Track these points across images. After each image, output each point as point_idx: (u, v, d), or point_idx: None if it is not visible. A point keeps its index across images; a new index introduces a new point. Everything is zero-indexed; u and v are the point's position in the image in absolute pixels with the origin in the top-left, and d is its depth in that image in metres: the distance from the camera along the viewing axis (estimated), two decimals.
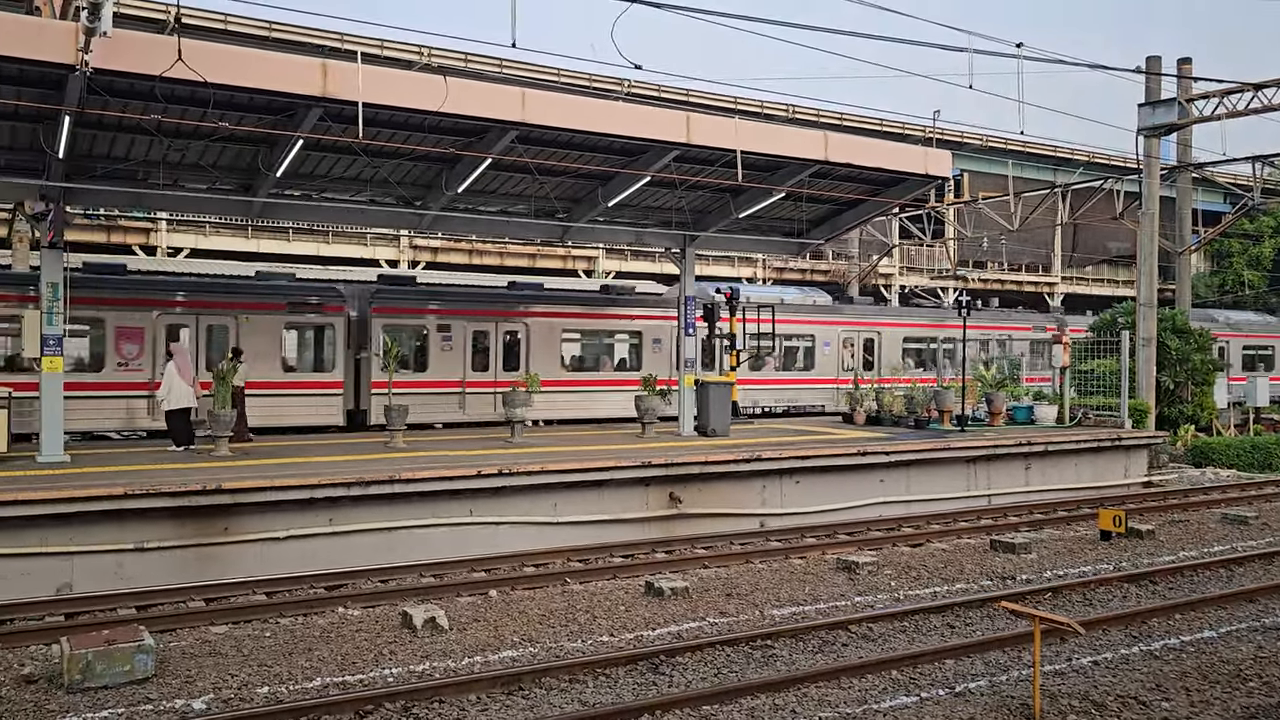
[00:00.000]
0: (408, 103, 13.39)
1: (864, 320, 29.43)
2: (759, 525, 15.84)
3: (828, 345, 28.32)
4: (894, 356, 29.38)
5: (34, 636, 9.53)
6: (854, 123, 38.29)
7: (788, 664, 8.81)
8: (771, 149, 16.43)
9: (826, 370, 28.21)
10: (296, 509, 12.70)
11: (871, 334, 29.15)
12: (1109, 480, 20.43)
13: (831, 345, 28.42)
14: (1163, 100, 24.78)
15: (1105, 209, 30.73)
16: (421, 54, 30.84)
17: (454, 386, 21.98)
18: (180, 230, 30.86)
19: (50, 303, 14.37)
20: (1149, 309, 24.39)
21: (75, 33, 10.92)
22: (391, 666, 8.69)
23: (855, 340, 28.95)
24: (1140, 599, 11.25)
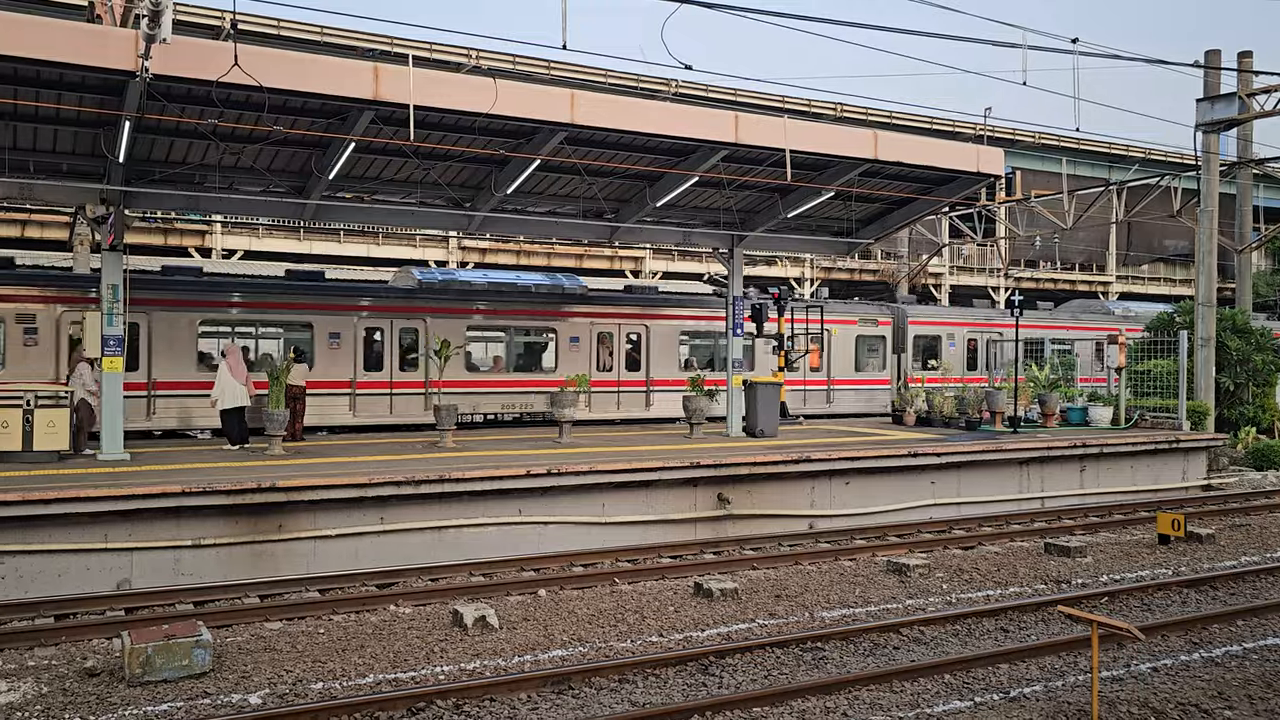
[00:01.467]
0: (458, 105, 13.49)
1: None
2: (808, 526, 15.75)
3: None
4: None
5: (95, 630, 9.75)
6: (903, 121, 37.96)
7: (838, 666, 8.74)
8: (820, 148, 16.31)
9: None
10: (348, 507, 12.86)
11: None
12: (1167, 483, 20.02)
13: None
14: (1222, 95, 24.20)
15: (1161, 206, 30.11)
16: (470, 56, 31.10)
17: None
18: (234, 232, 31.42)
19: (110, 304, 14.69)
20: (1208, 308, 23.84)
21: (135, 40, 11.15)
22: (442, 664, 8.76)
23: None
24: (1201, 604, 11.01)
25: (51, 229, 28.90)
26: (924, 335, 27.90)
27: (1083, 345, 30.27)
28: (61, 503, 11.28)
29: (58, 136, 14.38)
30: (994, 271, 44.25)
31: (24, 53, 11.11)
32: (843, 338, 26.43)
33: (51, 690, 8.04)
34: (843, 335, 26.37)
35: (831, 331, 25.80)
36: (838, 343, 26.36)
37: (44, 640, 9.46)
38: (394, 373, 20.97)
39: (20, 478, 12.47)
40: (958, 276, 43.74)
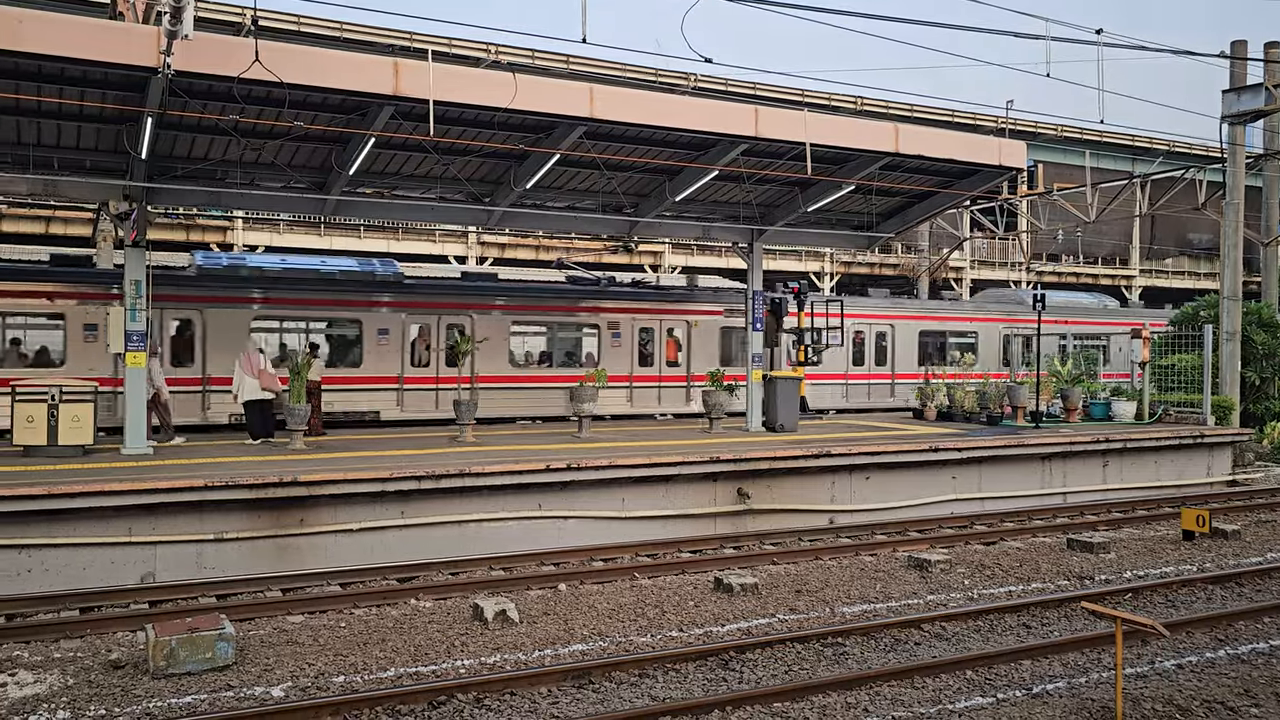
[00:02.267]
0: (478, 100, 13.49)
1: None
2: (828, 521, 15.70)
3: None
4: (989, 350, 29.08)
5: (120, 623, 9.84)
6: (924, 114, 37.75)
7: (859, 662, 8.71)
8: (840, 141, 16.23)
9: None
10: (369, 501, 12.91)
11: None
12: (1191, 479, 19.84)
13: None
14: (1248, 86, 23.90)
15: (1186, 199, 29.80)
16: (489, 51, 31.13)
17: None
18: (255, 228, 31.60)
19: (133, 299, 14.80)
20: (1234, 302, 23.59)
21: (157, 36, 11.21)
22: (463, 658, 8.79)
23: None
24: (1226, 601, 10.91)
25: (75, 225, 29.16)
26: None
27: (987, 335, 29.09)
28: (86, 496, 11.38)
29: (81, 133, 14.48)
30: (1015, 265, 43.98)
31: (48, 50, 11.20)
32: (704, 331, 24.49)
33: (77, 682, 8.11)
34: (704, 328, 24.46)
35: (693, 324, 24.10)
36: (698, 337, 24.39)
37: (69, 633, 9.55)
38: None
39: (46, 471, 12.59)
40: (979, 270, 43.50)
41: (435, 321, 21.34)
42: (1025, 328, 28.29)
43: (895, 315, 27.72)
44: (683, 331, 23.91)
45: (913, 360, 27.33)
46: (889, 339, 27.31)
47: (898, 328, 27.59)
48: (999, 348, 28.97)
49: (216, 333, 19.33)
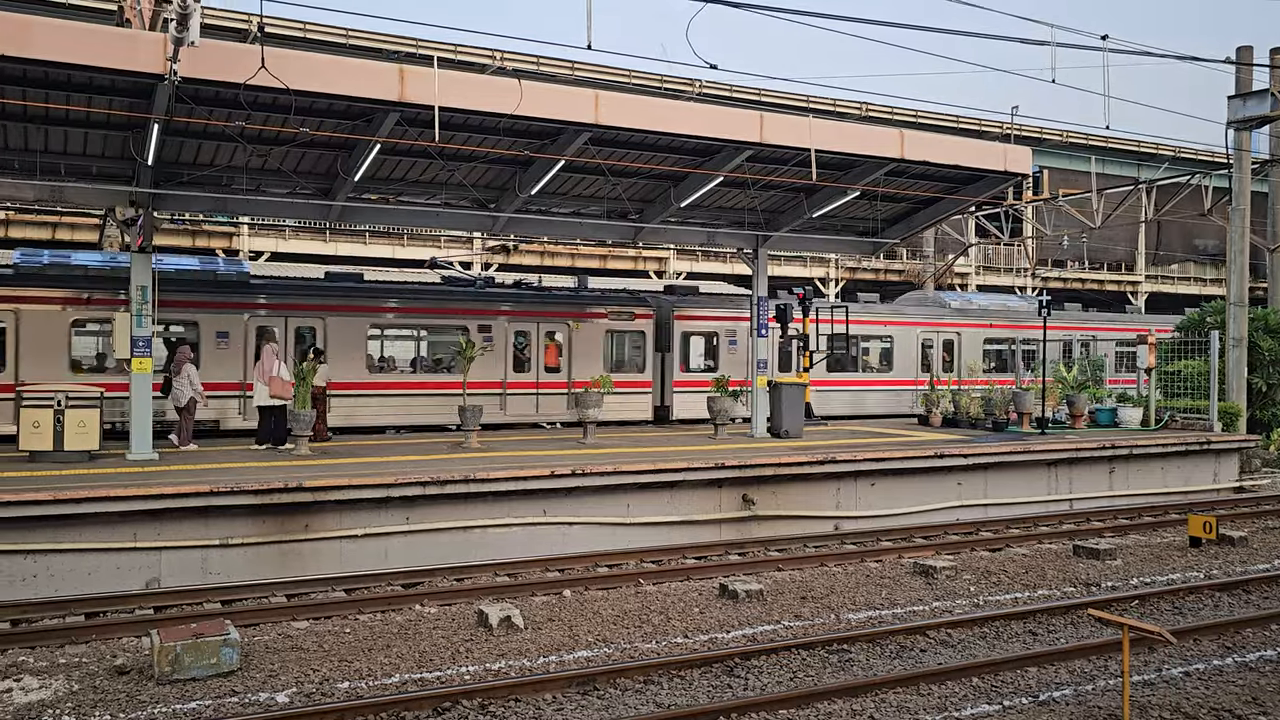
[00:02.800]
0: (483, 106, 13.53)
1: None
2: (833, 528, 15.67)
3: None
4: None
5: (125, 629, 9.84)
6: (929, 119, 37.76)
7: (865, 669, 8.68)
8: (846, 147, 16.24)
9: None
10: (374, 507, 12.91)
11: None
12: (1198, 485, 19.78)
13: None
14: (1254, 91, 23.86)
15: (1191, 205, 29.75)
16: (495, 58, 31.20)
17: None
18: (261, 234, 31.67)
19: (139, 305, 14.83)
20: (1240, 308, 23.53)
21: (164, 43, 11.25)
22: (468, 664, 8.78)
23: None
24: (1234, 608, 10.86)
25: (81, 231, 29.24)
26: (696, 331, 24.20)
27: (904, 340, 27.15)
28: (92, 502, 11.39)
29: (88, 139, 14.54)
30: (1021, 271, 43.93)
31: (55, 57, 11.24)
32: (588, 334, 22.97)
33: (82, 688, 8.11)
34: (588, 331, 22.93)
35: (574, 327, 22.60)
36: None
37: (75, 638, 9.55)
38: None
39: (51, 477, 12.61)
40: (984, 276, 43.46)
41: (283, 324, 19.85)
42: (947, 331, 27.71)
43: (809, 319, 25.31)
44: (564, 335, 22.45)
45: (821, 366, 25.09)
46: (791, 343, 25.17)
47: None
48: (917, 353, 27.23)
49: (29, 335, 17.79)
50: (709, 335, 24.32)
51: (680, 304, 24.09)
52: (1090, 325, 30.91)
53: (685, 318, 23.96)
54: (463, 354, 18.25)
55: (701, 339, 24.31)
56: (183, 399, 16.49)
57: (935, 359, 27.39)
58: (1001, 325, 29.07)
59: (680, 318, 23.88)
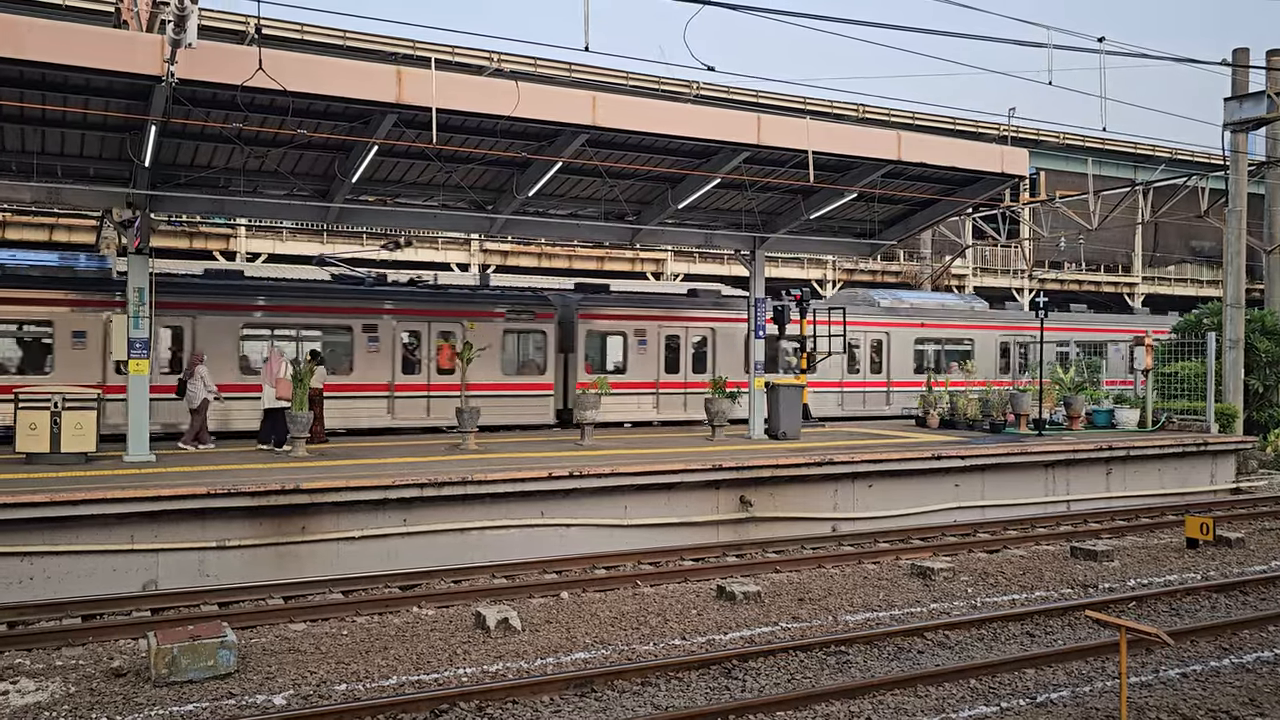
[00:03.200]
0: (480, 108, 13.53)
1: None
2: (831, 529, 15.67)
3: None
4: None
5: (122, 631, 9.82)
6: (926, 121, 37.81)
7: (862, 671, 8.68)
8: (843, 149, 16.26)
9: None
10: (371, 509, 12.91)
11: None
12: (1195, 486, 19.80)
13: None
14: (1250, 94, 23.91)
15: (1188, 207, 29.80)
16: (492, 59, 31.20)
17: None
18: (258, 236, 31.65)
19: (136, 307, 14.82)
20: (1237, 309, 23.57)
21: (161, 45, 11.25)
22: (465, 666, 8.77)
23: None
24: (1231, 609, 10.86)
25: (79, 233, 29.23)
26: (603, 331, 23.27)
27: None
28: (89, 504, 11.38)
29: (85, 141, 14.53)
30: (1018, 273, 43.99)
31: (52, 58, 11.24)
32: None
33: (79, 690, 8.10)
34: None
35: (468, 327, 21.60)
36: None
37: (71, 640, 9.54)
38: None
39: (48, 479, 12.59)
40: (981, 278, 43.52)
41: None
42: (875, 331, 26.99)
43: (719, 319, 24.56)
44: (459, 335, 21.42)
45: (739, 367, 23.96)
46: (709, 344, 24.29)
47: (719, 332, 24.47)
48: (842, 353, 26.04)
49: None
50: (617, 335, 23.34)
51: (586, 304, 23.18)
52: (1047, 325, 30.27)
53: (591, 317, 23.06)
54: (461, 356, 18.23)
55: (608, 339, 23.35)
56: (196, 400, 16.72)
57: (863, 359, 26.43)
58: (935, 324, 28.22)
59: (586, 317, 22.98)
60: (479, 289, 23.60)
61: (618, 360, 23.34)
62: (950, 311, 29.17)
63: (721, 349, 24.38)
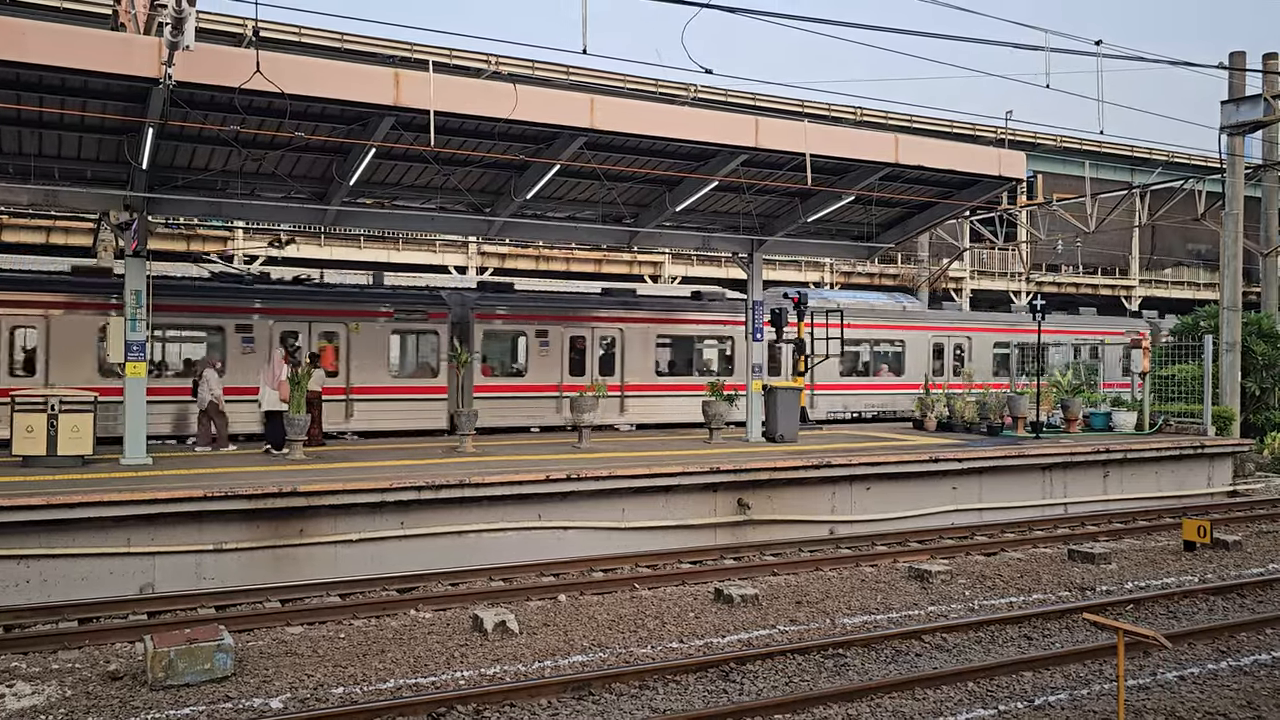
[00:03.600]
0: (478, 110, 13.52)
1: None
2: (829, 532, 15.67)
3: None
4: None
5: (119, 634, 9.81)
6: (924, 124, 37.84)
7: (860, 674, 8.68)
8: (841, 152, 16.27)
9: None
10: (369, 512, 12.89)
11: None
12: (1192, 489, 19.81)
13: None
14: (1247, 97, 23.94)
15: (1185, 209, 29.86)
16: (490, 62, 31.20)
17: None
18: (255, 238, 31.61)
19: (134, 310, 14.80)
20: (1234, 313, 23.60)
21: (159, 47, 11.23)
22: (463, 669, 8.76)
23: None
24: (1228, 612, 10.88)
25: (76, 235, 29.18)
26: (502, 332, 22.45)
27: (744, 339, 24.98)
28: (85, 506, 11.35)
29: (82, 143, 14.51)
30: (1015, 275, 44.02)
31: (50, 61, 11.22)
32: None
33: (75, 693, 8.08)
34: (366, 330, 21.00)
35: (352, 327, 20.57)
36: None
37: (68, 644, 9.52)
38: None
39: (44, 482, 12.57)
40: (979, 281, 43.54)
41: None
42: (788, 333, 25.41)
43: (628, 319, 23.66)
44: (342, 336, 20.44)
45: (650, 370, 23.60)
46: (618, 345, 23.36)
47: (628, 333, 23.51)
48: (762, 355, 25.09)
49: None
50: (515, 336, 22.43)
51: (484, 303, 22.20)
52: (979, 326, 29.62)
53: (489, 317, 22.06)
54: (457, 359, 18.22)
55: (507, 340, 22.50)
56: (204, 403, 17.00)
57: (784, 361, 25.40)
58: (864, 325, 27.03)
59: (483, 317, 21.96)
60: (367, 288, 22.52)
61: (518, 362, 22.51)
62: (878, 312, 28.07)
63: (630, 350, 23.37)
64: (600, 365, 23.07)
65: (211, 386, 17.03)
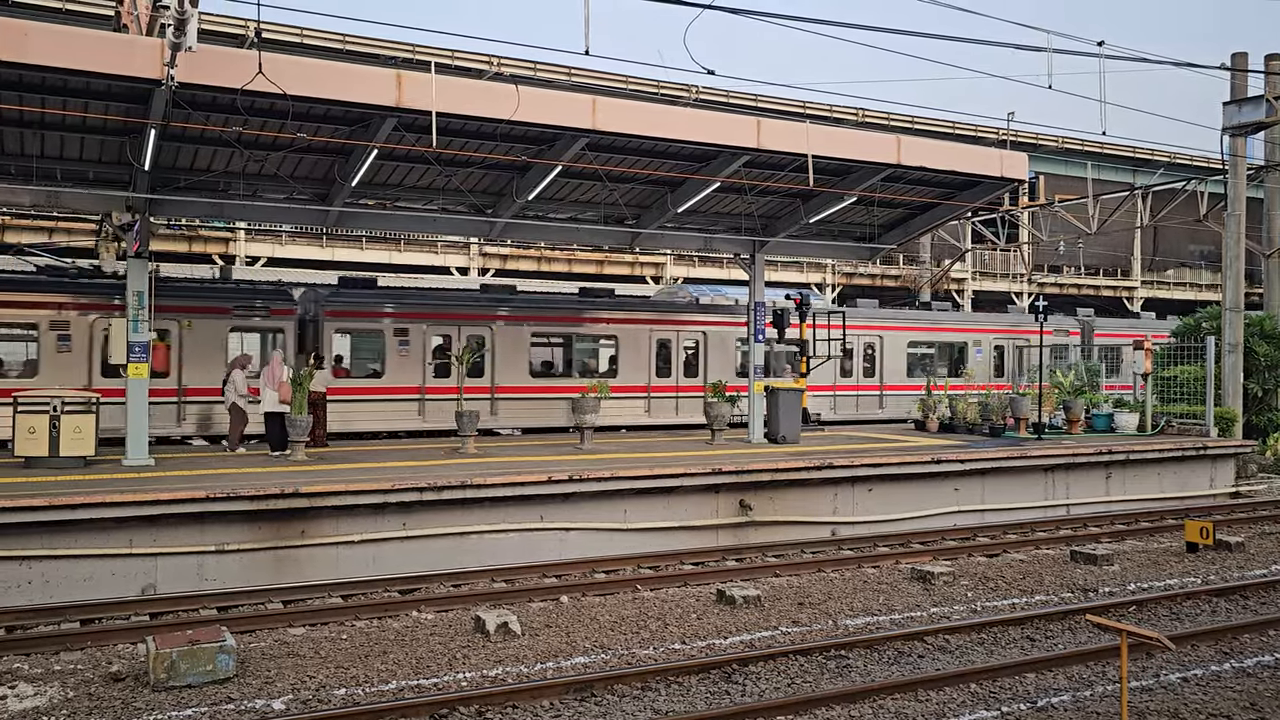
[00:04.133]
0: (480, 111, 13.53)
1: None
2: (831, 533, 15.65)
3: None
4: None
5: (121, 635, 9.80)
6: (925, 125, 37.82)
7: (863, 675, 8.67)
8: (843, 153, 16.27)
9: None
10: (371, 513, 12.88)
11: None
12: (1194, 490, 19.80)
13: None
14: (1249, 98, 23.93)
15: (1187, 211, 29.83)
16: (491, 63, 31.20)
17: None
18: (257, 239, 31.63)
19: (135, 311, 14.80)
20: (1236, 314, 23.58)
21: (161, 49, 11.25)
22: (465, 671, 8.75)
23: None
24: (1231, 614, 10.86)
25: (78, 236, 29.17)
26: (355, 330, 21.31)
27: (633, 339, 23.94)
28: (87, 508, 11.35)
29: (84, 145, 14.52)
30: (1017, 277, 44.00)
31: (52, 62, 11.24)
32: None
33: (77, 695, 8.08)
34: None
35: (184, 324, 19.35)
36: None
37: (70, 645, 9.52)
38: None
39: (47, 483, 12.57)
40: (980, 282, 43.53)
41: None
42: (691, 331, 24.58)
43: (502, 316, 22.48)
44: (175, 334, 19.19)
45: (524, 372, 22.63)
46: (489, 344, 22.23)
47: (499, 332, 22.32)
48: (649, 355, 24.08)
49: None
50: (371, 335, 21.17)
51: (336, 300, 20.96)
52: (892, 325, 27.97)
53: (341, 314, 20.81)
54: (459, 359, 18.23)
55: (363, 340, 21.30)
56: (227, 403, 17.17)
57: (675, 361, 24.34)
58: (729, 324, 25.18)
59: (335, 315, 20.75)
60: (207, 282, 21.26)
61: (376, 363, 21.26)
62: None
63: (502, 350, 22.08)
64: (471, 368, 21.12)
65: (237, 386, 17.09)
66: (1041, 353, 22.06)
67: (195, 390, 18.37)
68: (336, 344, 20.98)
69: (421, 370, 21.42)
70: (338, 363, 20.93)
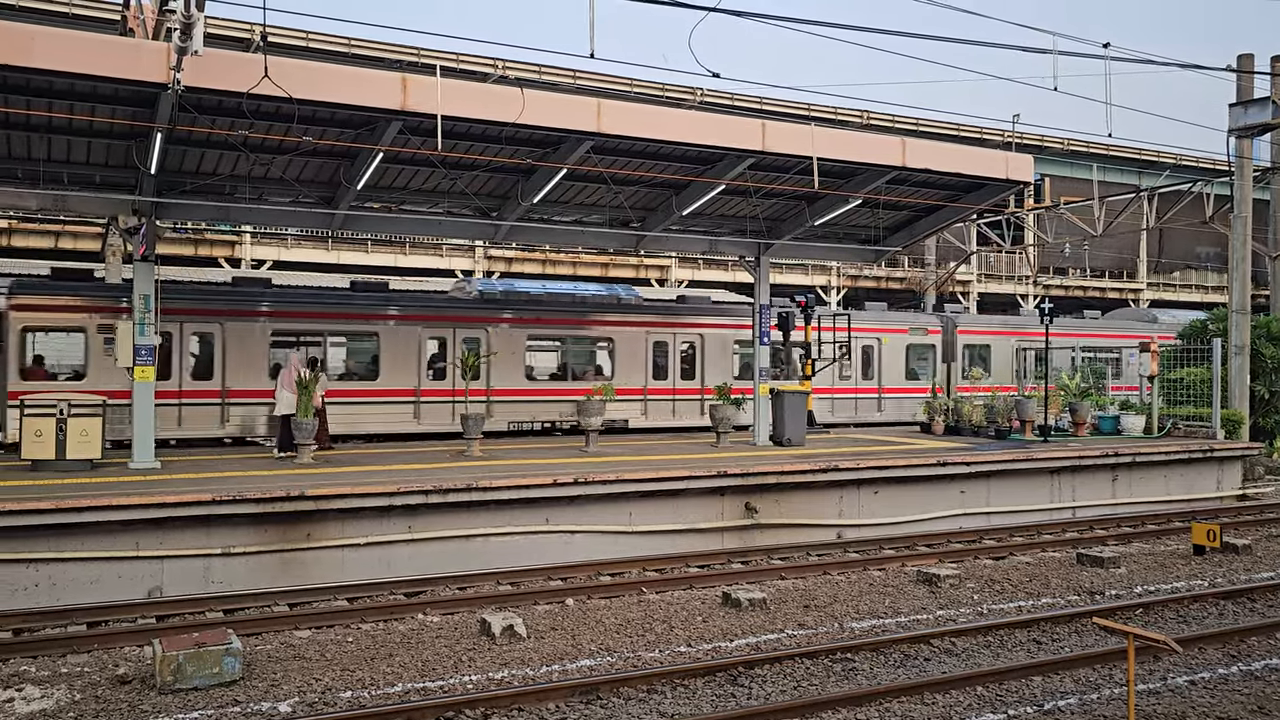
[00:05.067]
0: (485, 115, 13.53)
1: None
2: (836, 536, 15.63)
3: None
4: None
5: (128, 638, 9.82)
6: (930, 127, 37.79)
7: (869, 678, 8.65)
8: (847, 155, 16.25)
9: None
10: (376, 516, 12.90)
11: None
12: (1201, 493, 19.74)
13: None
14: (1255, 99, 23.90)
15: (1193, 213, 29.78)
16: (497, 66, 31.24)
17: None
18: (263, 243, 31.69)
19: (142, 314, 14.84)
20: (1243, 315, 23.53)
21: (167, 52, 11.27)
22: (470, 673, 8.75)
23: None
24: (1238, 616, 10.82)
25: (84, 240, 29.28)
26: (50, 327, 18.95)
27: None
28: (93, 510, 11.38)
29: (90, 149, 14.56)
30: (1023, 279, 43.95)
31: (58, 66, 11.27)
32: None
33: (84, 698, 8.09)
34: None
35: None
36: None
37: (77, 647, 9.54)
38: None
39: (53, 486, 12.60)
40: (986, 284, 43.47)
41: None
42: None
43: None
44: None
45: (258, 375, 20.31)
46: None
47: (229, 328, 19.88)
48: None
49: None
50: (75, 333, 18.76)
51: (22, 291, 18.46)
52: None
53: (28, 309, 18.34)
54: (465, 363, 18.24)
55: (60, 336, 19.19)
56: (278, 409, 17.15)
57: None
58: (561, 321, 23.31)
59: (21, 309, 18.29)
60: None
61: (76, 364, 18.97)
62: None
63: (233, 348, 19.62)
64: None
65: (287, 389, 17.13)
66: (1047, 354, 22.01)
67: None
68: (20, 343, 18.36)
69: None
70: (36, 363, 18.78)
